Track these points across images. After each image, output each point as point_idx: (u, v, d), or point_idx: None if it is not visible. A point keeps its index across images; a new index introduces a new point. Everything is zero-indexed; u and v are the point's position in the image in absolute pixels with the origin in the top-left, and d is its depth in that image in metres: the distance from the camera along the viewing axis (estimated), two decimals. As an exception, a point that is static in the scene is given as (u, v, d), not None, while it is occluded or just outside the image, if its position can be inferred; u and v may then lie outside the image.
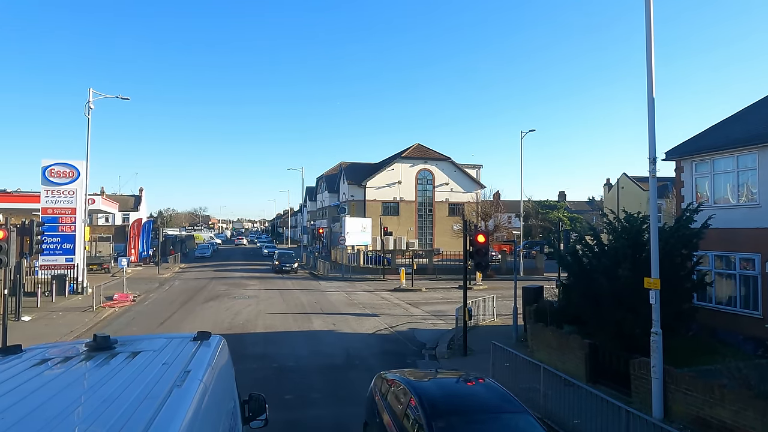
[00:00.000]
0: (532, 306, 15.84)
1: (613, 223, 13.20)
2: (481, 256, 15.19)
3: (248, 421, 4.83)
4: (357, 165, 62.99)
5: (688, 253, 12.55)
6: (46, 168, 27.17)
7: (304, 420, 10.15)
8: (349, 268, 39.87)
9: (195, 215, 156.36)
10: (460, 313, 15.60)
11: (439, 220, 56.95)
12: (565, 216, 69.69)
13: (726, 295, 14.55)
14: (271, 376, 12.91)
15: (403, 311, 23.28)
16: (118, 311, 22.51)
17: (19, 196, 37.60)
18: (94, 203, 40.40)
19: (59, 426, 2.32)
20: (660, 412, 9.21)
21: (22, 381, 3.00)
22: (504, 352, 11.95)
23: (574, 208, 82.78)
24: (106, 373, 3.22)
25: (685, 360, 11.14)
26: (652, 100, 9.72)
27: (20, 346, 3.82)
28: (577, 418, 9.27)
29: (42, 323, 19.27)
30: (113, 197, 65.20)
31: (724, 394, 8.38)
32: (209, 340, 4.24)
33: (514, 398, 6.80)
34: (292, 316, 21.68)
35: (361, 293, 29.55)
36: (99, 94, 28.13)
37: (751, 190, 13.93)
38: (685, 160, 15.84)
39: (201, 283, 34.37)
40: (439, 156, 58.18)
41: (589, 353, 11.90)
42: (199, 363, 3.51)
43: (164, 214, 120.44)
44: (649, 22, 9.63)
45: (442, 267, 39.55)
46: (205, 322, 19.91)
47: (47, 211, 27.05)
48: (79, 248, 27.54)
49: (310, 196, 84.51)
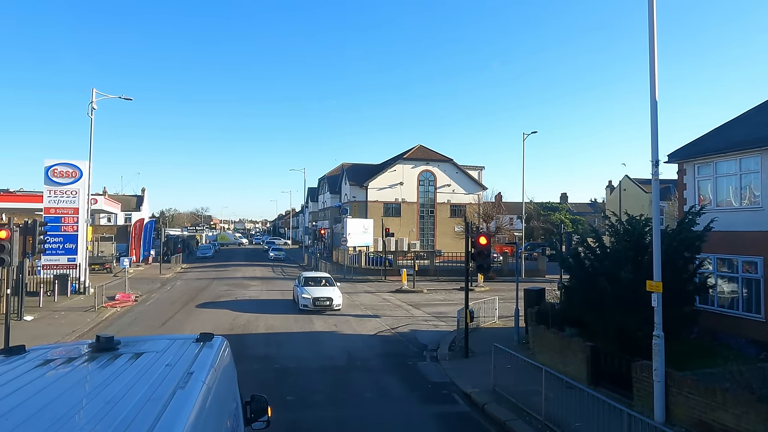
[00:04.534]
0: (534, 308, 15.83)
1: (615, 226, 13.20)
2: (483, 258, 15.19)
3: (250, 423, 4.83)
4: (359, 166, 63.05)
5: (691, 256, 12.53)
6: (49, 168, 27.25)
7: (306, 421, 10.15)
8: (351, 269, 39.88)
9: (197, 215, 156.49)
10: (461, 315, 15.60)
11: (440, 221, 56.95)
12: (567, 218, 69.68)
13: (728, 299, 14.52)
14: (273, 377, 12.91)
15: (405, 312, 23.27)
16: (120, 311, 22.54)
17: (22, 196, 37.73)
18: (97, 203, 40.46)
19: (63, 427, 2.33)
20: (662, 416, 9.19)
21: (26, 382, 3.01)
22: (505, 354, 11.94)
23: (576, 210, 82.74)
24: (109, 374, 3.24)
25: (687, 363, 11.13)
26: (654, 103, 9.71)
27: (24, 346, 3.83)
28: (578, 421, 9.26)
29: (44, 323, 19.30)
30: (115, 197, 65.33)
31: (726, 398, 8.37)
32: (212, 342, 4.25)
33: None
34: (294, 317, 21.69)
35: (363, 294, 29.54)
36: (102, 94, 28.24)
37: (753, 193, 13.90)
38: (687, 163, 15.82)
39: (203, 283, 34.40)
40: (441, 157, 58.21)
41: (591, 356, 11.89)
42: (202, 364, 3.52)
43: (166, 214, 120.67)
44: (652, 25, 9.63)
45: (443, 268, 39.54)
46: (207, 322, 19.93)
47: (50, 210, 27.11)
48: (81, 248, 27.60)
49: (312, 197, 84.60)
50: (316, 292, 22.83)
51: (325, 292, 23.04)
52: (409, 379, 12.99)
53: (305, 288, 23.46)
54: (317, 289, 23.41)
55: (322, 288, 23.64)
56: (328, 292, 23.09)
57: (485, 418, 10.54)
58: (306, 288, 23.48)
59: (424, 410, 11.04)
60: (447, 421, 10.47)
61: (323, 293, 22.84)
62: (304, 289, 23.34)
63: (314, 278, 25.20)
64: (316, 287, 23.63)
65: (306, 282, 24.54)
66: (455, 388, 12.41)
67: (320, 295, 22.64)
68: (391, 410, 10.91)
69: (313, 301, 22.29)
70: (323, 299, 22.49)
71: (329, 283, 24.62)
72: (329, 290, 23.37)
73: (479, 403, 11.10)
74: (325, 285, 24.20)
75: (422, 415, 10.75)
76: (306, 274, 26.00)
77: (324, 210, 73.88)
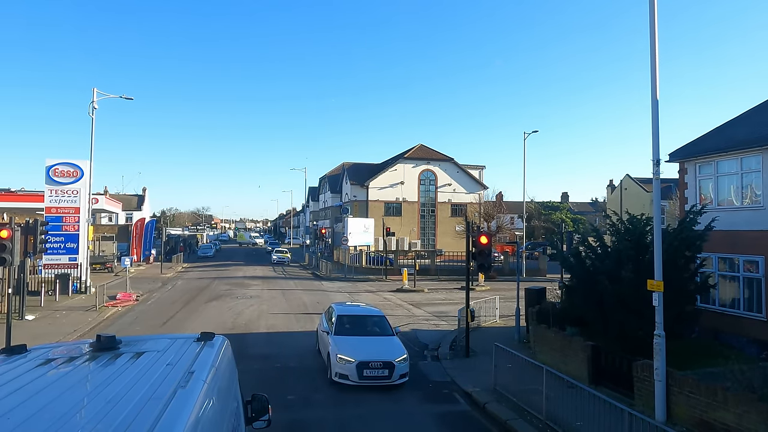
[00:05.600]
0: (535, 307, 15.82)
1: (616, 225, 13.19)
2: (484, 258, 15.19)
3: (251, 422, 4.83)
4: (360, 165, 63.09)
5: (692, 255, 12.52)
6: (50, 167, 27.28)
7: (307, 420, 10.17)
8: (352, 269, 39.89)
9: (198, 215, 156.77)
10: (462, 314, 15.59)
11: (441, 220, 56.97)
12: (568, 217, 69.66)
13: (729, 298, 14.50)
14: (274, 376, 12.92)
15: (406, 312, 23.27)
16: (122, 310, 22.57)
17: (23, 195, 37.76)
18: (98, 203, 40.48)
19: (64, 426, 2.33)
20: (663, 415, 9.19)
21: (27, 381, 3.01)
22: (506, 354, 11.94)
23: (576, 210, 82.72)
24: (110, 373, 3.24)
25: (688, 362, 11.13)
26: (656, 103, 9.70)
27: (25, 345, 3.84)
28: (579, 420, 9.26)
29: (45, 322, 19.33)
30: (116, 197, 65.39)
31: (727, 397, 8.36)
32: (213, 341, 4.25)
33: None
34: (295, 316, 21.69)
35: (364, 294, 29.55)
36: (103, 93, 28.25)
37: (755, 192, 13.88)
38: (688, 162, 15.80)
39: (204, 282, 34.43)
40: (442, 157, 58.22)
41: (592, 355, 11.88)
42: (202, 364, 3.53)
43: (167, 213, 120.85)
44: (653, 24, 9.62)
45: (444, 268, 39.53)
46: (208, 321, 19.94)
47: (51, 210, 27.14)
48: (82, 247, 27.62)
49: (313, 197, 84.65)
50: (364, 350, 12.29)
51: (377, 348, 12.51)
52: (410, 379, 12.98)
53: (342, 340, 12.81)
54: (364, 342, 12.86)
55: (371, 341, 13.10)
56: (383, 348, 12.58)
57: (486, 418, 10.55)
58: (343, 340, 12.81)
59: (425, 409, 11.05)
60: (448, 421, 10.48)
61: (376, 352, 12.27)
62: (340, 341, 12.74)
63: (356, 319, 14.05)
64: (362, 338, 13.14)
65: (342, 325, 13.47)
66: (456, 387, 12.42)
67: (372, 357, 12.05)
68: (392, 409, 10.92)
69: (359, 371, 11.84)
70: (378, 367, 11.95)
71: (383, 329, 13.82)
72: (385, 345, 12.80)
73: (480, 403, 11.10)
74: (377, 333, 13.65)
75: (423, 415, 10.76)
76: (341, 309, 14.45)
77: (325, 209, 73.94)
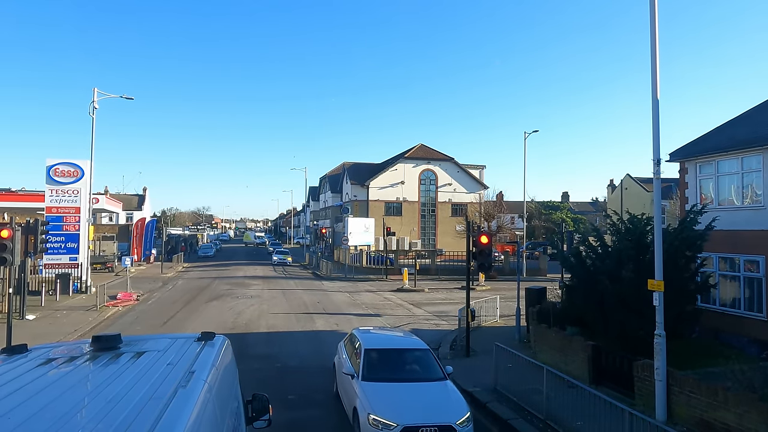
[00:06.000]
0: (535, 307, 15.81)
1: (617, 225, 13.18)
2: (484, 257, 15.18)
3: (251, 421, 4.84)
4: (360, 165, 63.11)
5: (692, 254, 12.50)
6: (51, 167, 27.30)
7: (308, 420, 10.17)
8: (352, 269, 39.88)
9: (198, 215, 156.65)
10: (462, 314, 15.59)
11: (442, 220, 56.98)
12: (569, 217, 69.63)
13: (730, 298, 14.49)
14: (274, 376, 12.93)
15: (406, 311, 23.27)
16: (122, 310, 22.58)
17: (24, 195, 37.80)
18: (98, 202, 40.53)
19: (65, 426, 2.33)
20: (663, 415, 9.18)
21: (28, 381, 3.02)
22: (507, 354, 11.94)
23: (577, 209, 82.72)
24: (111, 373, 3.24)
25: (689, 362, 11.12)
26: (656, 102, 9.69)
27: (26, 345, 3.84)
28: (579, 420, 9.26)
29: (46, 322, 19.33)
30: (117, 196, 65.43)
31: (727, 397, 8.35)
32: (213, 341, 4.26)
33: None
34: (295, 316, 21.69)
35: (364, 293, 29.55)
36: (103, 93, 28.27)
37: (755, 191, 13.87)
38: (689, 162, 15.79)
39: (204, 282, 34.44)
40: (442, 156, 58.22)
41: (592, 355, 11.88)
42: (203, 363, 3.53)
43: (168, 213, 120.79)
44: (653, 24, 9.60)
45: (444, 267, 39.53)
46: (208, 321, 19.94)
47: (51, 210, 27.16)
48: (83, 247, 27.65)
49: (313, 196, 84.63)
50: (408, 406, 8.26)
51: (427, 402, 8.55)
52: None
53: (375, 390, 8.63)
54: (407, 393, 8.74)
55: (416, 389, 8.96)
56: (434, 401, 8.60)
57: (487, 417, 10.53)
58: (377, 390, 8.63)
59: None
60: (448, 420, 10.45)
61: (427, 409, 8.25)
62: (372, 392, 8.57)
63: (392, 354, 9.97)
64: (402, 385, 8.98)
65: (371, 366, 9.30)
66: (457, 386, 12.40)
67: (422, 419, 7.89)
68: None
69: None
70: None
71: (430, 370, 9.61)
72: (437, 396, 8.77)
73: (481, 402, 11.09)
74: (421, 377, 9.41)
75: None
76: (367, 339, 10.43)
77: (325, 209, 73.95)
